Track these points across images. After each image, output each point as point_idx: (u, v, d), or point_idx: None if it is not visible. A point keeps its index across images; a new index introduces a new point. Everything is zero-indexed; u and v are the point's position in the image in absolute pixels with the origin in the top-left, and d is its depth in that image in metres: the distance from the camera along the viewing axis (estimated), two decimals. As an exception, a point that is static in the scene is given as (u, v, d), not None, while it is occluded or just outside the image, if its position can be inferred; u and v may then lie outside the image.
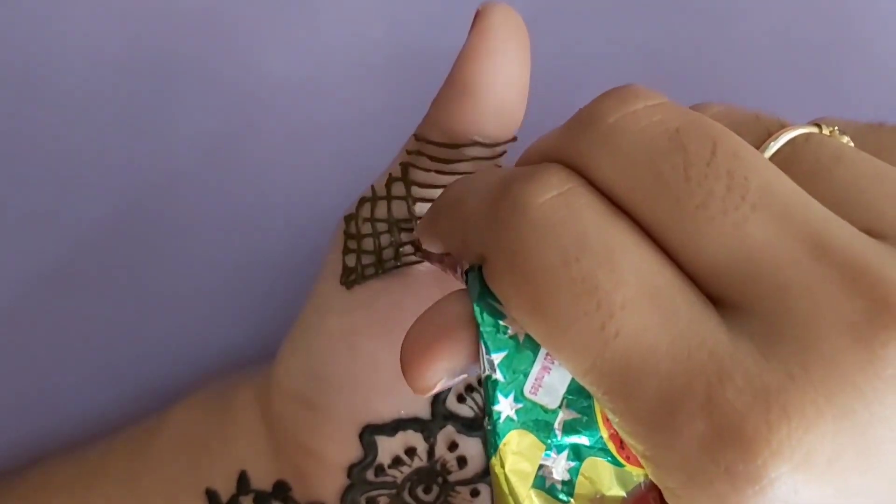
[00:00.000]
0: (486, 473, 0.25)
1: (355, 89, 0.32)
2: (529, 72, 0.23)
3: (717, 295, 0.16)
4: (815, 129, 0.18)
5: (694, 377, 0.15)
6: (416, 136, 0.24)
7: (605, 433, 0.17)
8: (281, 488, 0.26)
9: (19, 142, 0.31)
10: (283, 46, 0.32)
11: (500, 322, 0.17)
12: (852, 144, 0.18)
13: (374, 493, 0.25)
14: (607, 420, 0.17)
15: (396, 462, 0.25)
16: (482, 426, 0.25)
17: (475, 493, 0.25)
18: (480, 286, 0.17)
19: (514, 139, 0.23)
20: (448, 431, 0.25)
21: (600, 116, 0.17)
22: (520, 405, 0.17)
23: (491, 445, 0.17)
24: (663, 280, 0.16)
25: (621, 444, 0.17)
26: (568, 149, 0.17)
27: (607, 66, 0.32)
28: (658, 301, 0.15)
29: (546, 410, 0.17)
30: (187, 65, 0.31)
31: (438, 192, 0.24)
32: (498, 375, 0.17)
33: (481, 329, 0.17)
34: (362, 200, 0.25)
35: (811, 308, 0.15)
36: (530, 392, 0.17)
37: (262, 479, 0.26)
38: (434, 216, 0.20)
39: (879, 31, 0.33)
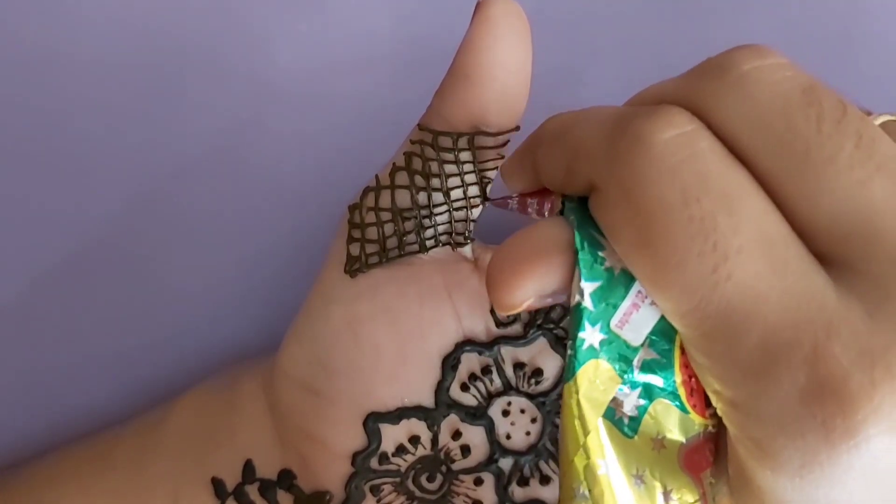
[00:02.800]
0: (489, 462, 0.25)
1: (362, 82, 0.32)
2: (531, 60, 0.23)
3: (825, 252, 0.16)
4: None
5: (801, 329, 0.15)
6: (420, 126, 0.24)
7: (678, 378, 0.18)
8: (286, 476, 0.26)
9: (28, 137, 0.31)
10: (291, 40, 0.32)
11: (599, 253, 0.17)
12: None
13: (378, 480, 0.25)
14: (684, 366, 0.18)
15: (400, 450, 0.25)
16: (485, 414, 0.25)
17: (479, 482, 0.25)
18: (581, 216, 0.18)
19: (518, 128, 0.23)
20: (451, 420, 0.25)
21: (733, 64, 0.17)
22: (604, 336, 0.18)
23: (568, 370, 0.18)
24: (777, 231, 0.16)
25: (691, 392, 0.18)
26: (692, 93, 0.17)
27: (610, 61, 0.32)
28: (772, 250, 0.16)
29: (628, 346, 0.18)
30: (195, 59, 0.32)
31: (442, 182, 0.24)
32: (588, 303, 0.17)
33: (580, 256, 0.18)
34: (366, 190, 0.25)
35: None
36: (616, 325, 0.18)
37: (267, 468, 0.26)
38: (528, 149, 0.20)
39: (886, 27, 0.33)
